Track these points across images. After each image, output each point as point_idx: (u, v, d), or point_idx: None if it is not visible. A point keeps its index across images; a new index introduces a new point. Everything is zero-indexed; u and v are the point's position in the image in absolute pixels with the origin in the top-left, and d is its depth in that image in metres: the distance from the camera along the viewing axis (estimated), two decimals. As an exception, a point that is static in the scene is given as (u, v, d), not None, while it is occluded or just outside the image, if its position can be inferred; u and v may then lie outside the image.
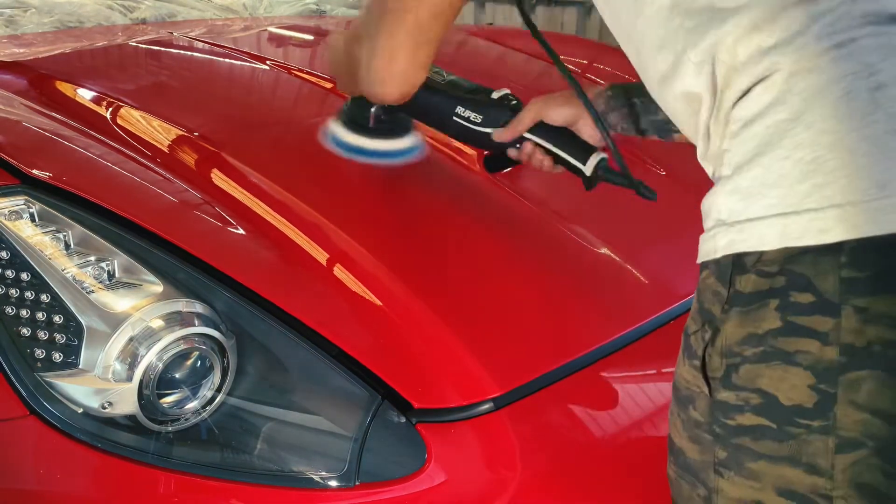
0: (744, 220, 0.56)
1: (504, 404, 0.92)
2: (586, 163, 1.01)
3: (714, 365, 0.59)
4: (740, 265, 0.56)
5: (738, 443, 0.57)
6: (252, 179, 1.16)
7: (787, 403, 0.54)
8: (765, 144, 0.55)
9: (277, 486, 0.86)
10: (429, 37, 0.86)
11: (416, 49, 0.86)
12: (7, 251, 0.93)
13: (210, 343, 0.90)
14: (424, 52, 0.87)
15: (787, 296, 0.54)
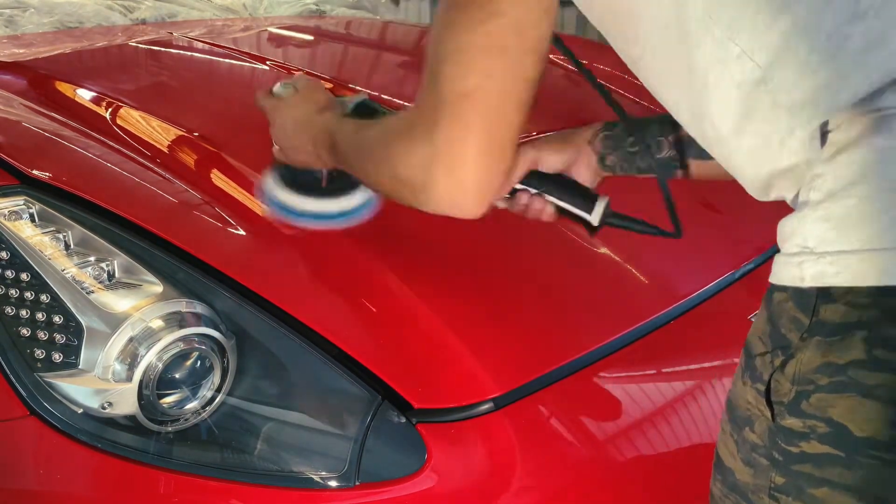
0: (835, 252, 0.53)
1: (504, 404, 0.92)
2: (592, 212, 0.92)
3: (782, 390, 0.56)
4: (827, 295, 0.53)
5: (799, 469, 0.55)
6: (252, 179, 1.15)
7: (860, 434, 0.52)
8: (865, 172, 0.52)
9: (277, 487, 0.86)
10: (512, 135, 0.67)
11: (501, 156, 0.66)
12: (7, 251, 0.93)
13: (210, 343, 0.90)
14: (508, 157, 0.67)
15: (878, 329, 0.51)
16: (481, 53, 0.63)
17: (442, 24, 0.65)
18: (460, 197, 0.68)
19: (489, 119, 0.65)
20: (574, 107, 1.68)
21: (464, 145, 0.65)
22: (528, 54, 0.63)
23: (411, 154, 0.68)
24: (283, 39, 1.98)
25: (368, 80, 1.73)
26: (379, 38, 2.17)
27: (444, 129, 0.65)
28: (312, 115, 0.91)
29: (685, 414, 1.02)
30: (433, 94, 0.66)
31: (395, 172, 0.70)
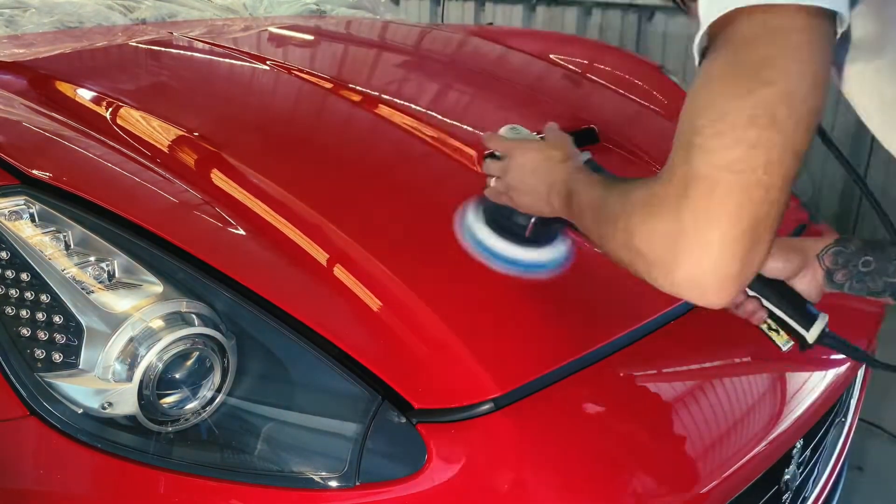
0: None
1: (504, 404, 0.92)
2: (810, 329, 0.88)
3: None
4: None
5: None
6: (252, 179, 1.15)
7: None
8: None
9: (277, 487, 0.86)
10: (774, 215, 0.59)
11: (759, 240, 0.59)
12: (7, 251, 0.93)
13: (210, 343, 0.90)
14: (767, 241, 0.60)
15: None
16: (747, 122, 0.56)
17: (700, 95, 0.60)
18: (703, 284, 0.60)
19: (749, 196, 0.57)
20: (574, 107, 1.68)
21: (717, 226, 0.57)
22: (798, 126, 0.57)
23: (653, 229, 0.62)
24: (284, 39, 1.98)
25: (369, 80, 1.73)
26: (379, 38, 2.17)
27: (694, 205, 0.58)
28: (555, 161, 0.91)
29: (685, 414, 1.02)
30: (685, 165, 0.59)
31: (633, 244, 0.64)
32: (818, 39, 0.58)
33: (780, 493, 1.17)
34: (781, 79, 0.57)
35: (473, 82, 1.77)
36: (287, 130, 1.40)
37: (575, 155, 0.93)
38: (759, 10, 0.58)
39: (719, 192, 0.57)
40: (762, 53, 0.57)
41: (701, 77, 0.61)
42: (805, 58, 0.57)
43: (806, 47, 0.57)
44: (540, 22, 4.57)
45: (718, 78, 0.59)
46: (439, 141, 1.36)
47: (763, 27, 0.58)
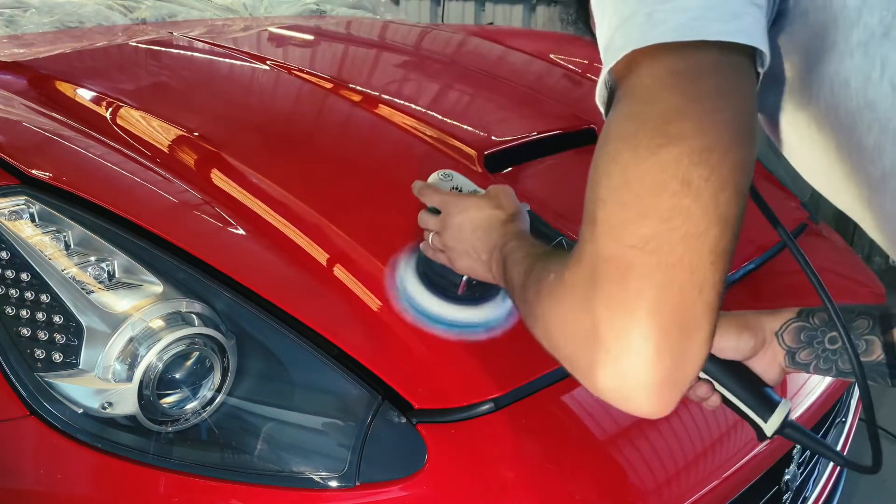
0: None
1: (504, 405, 0.92)
2: (768, 419, 0.78)
3: None
4: None
5: None
6: (252, 179, 1.15)
7: None
8: None
9: (277, 487, 0.86)
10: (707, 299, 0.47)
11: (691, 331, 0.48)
12: (7, 251, 0.93)
13: (210, 343, 0.90)
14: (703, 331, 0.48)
15: None
16: (655, 190, 0.46)
17: (602, 159, 0.50)
18: (629, 391, 0.49)
19: (670, 280, 0.46)
20: (574, 107, 1.68)
21: (635, 318, 0.47)
22: (723, 189, 0.46)
23: (565, 323, 0.52)
24: (284, 39, 1.98)
25: (369, 79, 1.73)
26: (379, 38, 2.17)
27: (606, 294, 0.48)
28: (498, 222, 0.80)
29: (686, 414, 1.02)
30: (592, 246, 0.49)
31: (552, 339, 0.54)
32: (736, 80, 0.49)
33: (781, 493, 1.17)
34: (694, 133, 0.46)
35: (473, 82, 1.77)
36: (287, 130, 1.40)
37: (519, 212, 0.82)
38: (660, 51, 0.48)
39: (633, 277, 0.47)
40: (667, 104, 0.47)
41: (602, 137, 0.51)
42: (721, 105, 0.48)
43: (720, 92, 0.48)
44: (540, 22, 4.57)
45: (619, 138, 0.49)
46: (439, 141, 1.36)
47: (666, 72, 0.48)
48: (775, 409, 0.77)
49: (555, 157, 1.41)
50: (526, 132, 1.45)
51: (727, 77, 0.49)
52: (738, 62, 0.49)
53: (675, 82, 0.48)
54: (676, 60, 0.48)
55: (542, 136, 1.45)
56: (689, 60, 0.48)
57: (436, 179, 0.94)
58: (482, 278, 0.82)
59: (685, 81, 0.48)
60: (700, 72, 0.48)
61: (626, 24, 0.50)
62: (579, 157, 1.46)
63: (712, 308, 0.48)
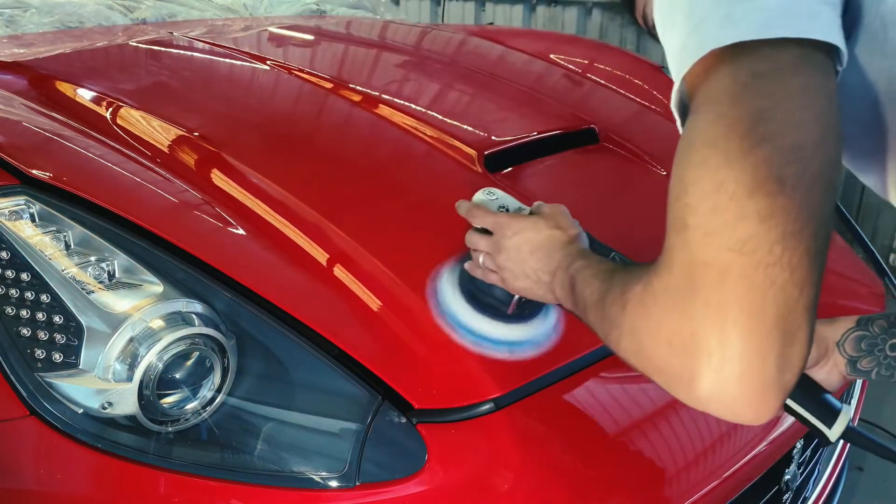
0: None
1: (504, 405, 0.92)
2: (832, 426, 0.79)
3: None
4: None
5: None
6: (252, 179, 1.15)
7: None
8: None
9: (277, 487, 0.86)
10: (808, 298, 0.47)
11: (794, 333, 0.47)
12: (7, 251, 0.93)
13: (210, 343, 0.90)
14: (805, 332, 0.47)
15: None
16: (751, 191, 0.45)
17: (689, 165, 0.49)
18: (732, 399, 0.47)
19: (771, 280, 0.45)
20: (574, 107, 1.68)
21: (736, 322, 0.46)
22: (815, 185, 0.46)
23: (658, 333, 0.50)
24: (284, 39, 1.98)
25: (369, 79, 1.73)
26: (379, 38, 2.17)
27: (704, 299, 0.47)
28: (559, 243, 0.79)
29: (686, 414, 1.02)
30: (685, 252, 0.48)
31: (643, 353, 0.53)
32: (818, 78, 0.49)
33: (781, 493, 1.17)
34: (782, 132, 0.47)
35: (473, 82, 1.76)
36: (287, 130, 1.40)
37: (579, 233, 0.81)
38: (738, 52, 0.48)
39: (732, 280, 0.46)
40: (754, 106, 0.47)
41: (684, 144, 0.51)
42: (807, 102, 0.48)
43: (806, 90, 0.48)
44: (540, 22, 4.57)
45: (706, 143, 0.48)
46: (439, 141, 1.36)
47: (748, 74, 0.48)
48: (838, 416, 0.78)
49: (555, 157, 1.41)
50: (526, 132, 1.45)
51: (810, 75, 0.48)
52: (819, 60, 0.49)
53: (758, 84, 0.48)
54: (757, 61, 0.48)
55: (543, 136, 1.45)
56: (771, 61, 0.48)
57: (482, 198, 0.92)
58: (541, 299, 0.81)
59: (769, 82, 0.48)
60: (783, 72, 0.48)
61: (702, 27, 0.50)
62: (579, 157, 1.46)
63: (812, 308, 0.47)
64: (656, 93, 1.86)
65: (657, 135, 1.66)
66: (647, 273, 0.52)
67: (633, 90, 1.86)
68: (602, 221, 1.25)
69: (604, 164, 1.46)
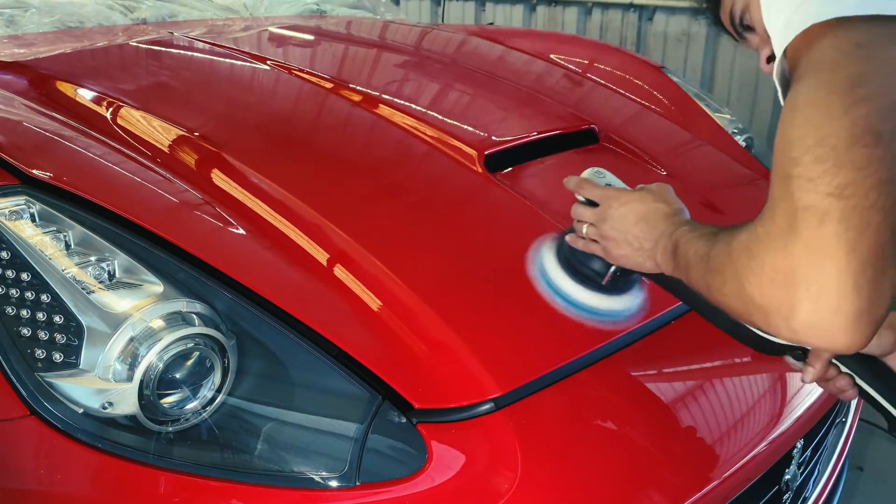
0: None
1: (504, 405, 0.92)
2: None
3: None
4: None
5: None
6: (252, 179, 1.15)
7: None
8: None
9: (278, 487, 0.86)
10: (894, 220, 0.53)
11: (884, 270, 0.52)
12: (7, 251, 0.93)
13: (210, 343, 0.90)
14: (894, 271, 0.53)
15: None
16: (850, 142, 0.51)
17: (792, 125, 0.55)
18: (829, 327, 0.53)
19: (866, 222, 0.51)
20: (574, 107, 1.68)
21: (833, 258, 0.52)
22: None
23: (763, 271, 0.56)
24: (284, 39, 1.98)
25: (369, 80, 1.73)
26: (379, 38, 2.17)
27: (805, 239, 0.53)
28: (662, 214, 0.85)
29: (686, 414, 1.02)
30: (788, 200, 0.54)
31: (745, 292, 0.59)
32: None
33: (781, 493, 1.17)
34: (879, 93, 0.52)
35: (473, 82, 1.77)
36: (287, 130, 1.40)
37: (680, 208, 0.87)
38: (838, 26, 0.54)
39: (831, 221, 0.51)
40: (853, 71, 0.54)
41: (788, 107, 0.56)
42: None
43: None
44: (540, 22, 4.57)
45: (809, 104, 0.54)
46: (439, 141, 1.36)
47: (850, 44, 0.54)
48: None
49: (555, 157, 1.41)
50: (526, 132, 1.45)
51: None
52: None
53: (858, 52, 0.54)
54: (856, 33, 0.54)
55: (543, 136, 1.45)
56: (869, 32, 0.54)
57: (590, 174, 0.98)
58: (639, 267, 0.88)
59: (867, 50, 0.54)
60: (879, 42, 0.54)
61: (806, 4, 0.56)
62: (580, 157, 1.46)
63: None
64: (656, 93, 1.86)
65: (657, 135, 1.66)
66: (752, 223, 0.59)
67: (633, 90, 1.86)
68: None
69: (604, 164, 1.46)
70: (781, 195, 0.55)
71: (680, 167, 1.51)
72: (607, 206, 0.91)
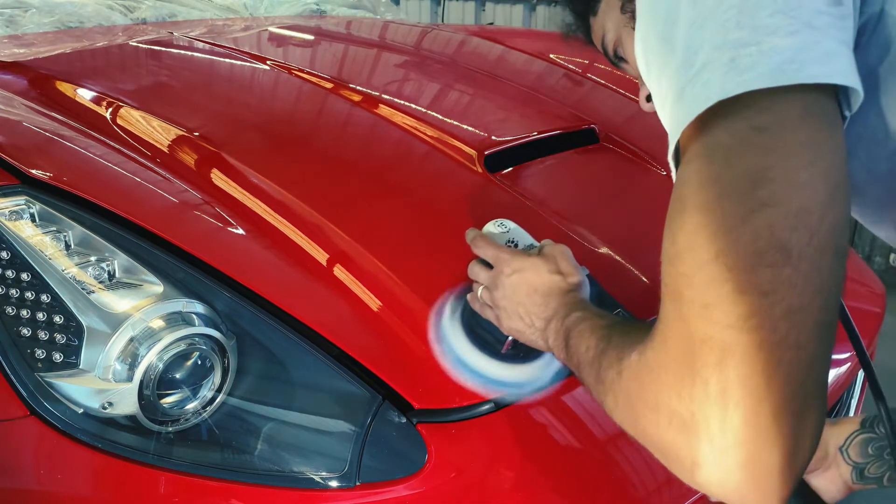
0: None
1: (504, 405, 0.92)
2: None
3: None
4: None
5: None
6: (252, 179, 1.16)
7: None
8: None
9: (278, 487, 0.86)
10: (816, 377, 0.44)
11: (803, 415, 0.43)
12: (7, 251, 0.93)
13: (210, 343, 0.90)
14: (815, 414, 0.44)
15: None
16: (751, 263, 0.41)
17: (681, 230, 0.45)
18: (736, 487, 0.43)
19: (777, 360, 0.41)
20: (574, 107, 1.68)
21: (739, 405, 0.42)
22: (822, 254, 0.42)
23: (657, 412, 0.46)
24: (284, 39, 1.98)
25: (369, 80, 1.73)
26: (379, 38, 2.17)
27: (703, 383, 0.43)
28: (557, 289, 0.74)
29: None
30: (681, 327, 0.44)
31: (639, 427, 0.49)
32: (825, 131, 0.44)
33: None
34: (786, 195, 0.42)
35: (473, 82, 1.77)
36: (287, 130, 1.40)
37: (581, 282, 0.77)
38: (739, 103, 0.43)
39: (732, 360, 0.42)
40: (753, 164, 0.43)
41: (676, 204, 0.46)
42: (811, 160, 0.42)
43: (810, 146, 0.43)
44: (540, 22, 4.57)
45: (699, 207, 0.44)
46: (439, 141, 1.36)
47: (747, 128, 0.43)
48: None
49: (555, 157, 1.41)
50: (526, 132, 1.45)
51: (815, 129, 0.43)
52: (826, 110, 0.44)
53: (757, 139, 0.43)
54: (757, 114, 0.43)
55: (543, 136, 1.45)
56: (773, 112, 0.43)
57: (491, 229, 0.88)
58: (532, 344, 0.77)
59: (769, 137, 0.43)
60: (786, 125, 0.43)
61: (703, 74, 0.44)
62: (579, 157, 1.46)
63: (823, 385, 0.43)
64: (656, 93, 1.86)
65: (657, 135, 1.65)
66: (643, 342, 0.49)
67: (633, 90, 1.86)
68: (602, 221, 1.25)
69: (604, 164, 1.46)
70: (674, 316, 0.45)
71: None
72: (499, 271, 0.79)
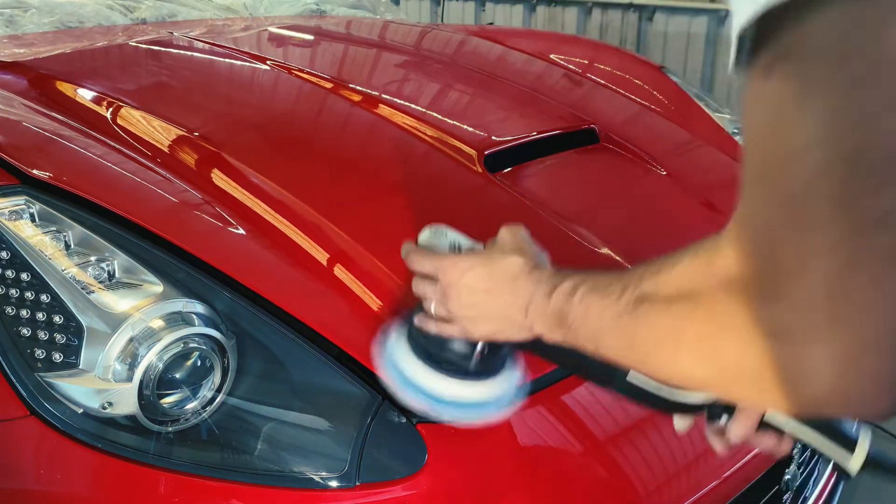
0: None
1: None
2: (850, 460, 0.71)
3: None
4: None
5: None
6: (252, 179, 1.15)
7: None
8: None
9: (277, 487, 0.86)
10: None
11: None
12: (7, 251, 0.93)
13: (210, 343, 0.90)
14: None
15: None
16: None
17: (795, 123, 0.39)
18: (862, 390, 0.40)
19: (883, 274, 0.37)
20: (574, 107, 1.68)
21: (874, 311, 0.38)
22: None
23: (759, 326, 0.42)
24: (284, 39, 1.98)
25: (369, 79, 1.73)
26: (379, 38, 2.17)
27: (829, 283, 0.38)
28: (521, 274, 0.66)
29: (685, 414, 1.02)
30: (798, 231, 0.39)
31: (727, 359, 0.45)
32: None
33: (781, 492, 1.17)
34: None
35: (473, 82, 1.77)
36: (287, 130, 1.40)
37: (536, 251, 0.71)
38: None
39: (865, 266, 0.38)
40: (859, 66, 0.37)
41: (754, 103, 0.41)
42: None
43: None
44: (540, 22, 4.57)
45: (821, 94, 0.38)
46: (439, 141, 1.36)
47: (852, 24, 0.37)
48: (856, 444, 0.70)
49: (555, 157, 1.41)
50: (526, 132, 1.45)
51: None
52: None
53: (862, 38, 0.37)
54: (858, 9, 0.37)
55: (542, 136, 1.45)
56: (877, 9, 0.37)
57: (427, 237, 0.80)
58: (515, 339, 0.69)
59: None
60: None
61: None
62: (579, 157, 1.46)
63: None
64: (656, 93, 1.86)
65: (657, 134, 1.66)
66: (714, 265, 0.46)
67: (633, 90, 1.86)
68: (602, 221, 1.25)
69: (604, 164, 1.46)
70: (782, 223, 0.40)
71: (680, 167, 1.51)
72: (444, 280, 0.71)
